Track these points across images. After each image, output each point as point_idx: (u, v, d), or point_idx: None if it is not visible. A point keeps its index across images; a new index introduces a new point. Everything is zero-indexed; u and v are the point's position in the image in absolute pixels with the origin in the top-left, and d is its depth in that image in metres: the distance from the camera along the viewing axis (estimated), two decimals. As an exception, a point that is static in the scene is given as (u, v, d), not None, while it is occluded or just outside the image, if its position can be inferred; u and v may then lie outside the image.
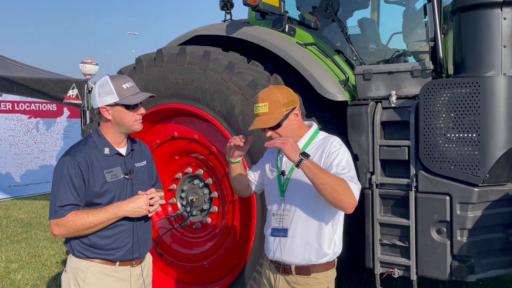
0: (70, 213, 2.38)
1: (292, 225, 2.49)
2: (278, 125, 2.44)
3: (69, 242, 2.51)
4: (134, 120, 2.53)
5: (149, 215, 2.56)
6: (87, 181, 2.43)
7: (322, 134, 2.60)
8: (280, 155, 2.61)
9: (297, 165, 2.27)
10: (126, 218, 2.50)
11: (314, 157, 2.45)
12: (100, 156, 2.50)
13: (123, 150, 2.60)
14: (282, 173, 2.54)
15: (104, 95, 2.48)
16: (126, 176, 2.55)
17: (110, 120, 2.51)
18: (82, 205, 2.44)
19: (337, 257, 2.58)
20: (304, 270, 2.49)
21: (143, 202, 2.47)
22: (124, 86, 2.48)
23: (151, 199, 2.51)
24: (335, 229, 2.52)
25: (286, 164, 2.55)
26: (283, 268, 2.53)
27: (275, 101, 2.43)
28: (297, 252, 2.48)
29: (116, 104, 2.48)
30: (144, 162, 2.71)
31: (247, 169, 3.03)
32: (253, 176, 2.80)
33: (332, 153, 2.43)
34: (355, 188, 2.31)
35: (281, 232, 2.51)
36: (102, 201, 2.47)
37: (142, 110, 2.56)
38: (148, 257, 2.76)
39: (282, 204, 2.53)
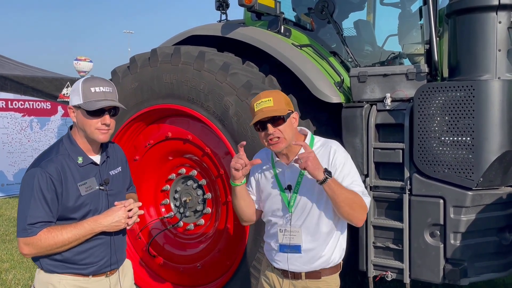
0: (42, 231, 2.18)
1: (304, 240, 2.44)
2: (283, 120, 2.36)
3: (39, 259, 2.30)
4: (95, 128, 2.28)
5: (128, 227, 2.39)
6: (60, 195, 2.23)
7: (319, 140, 2.55)
8: (279, 169, 2.52)
9: (321, 183, 2.26)
10: (102, 232, 2.32)
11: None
12: (73, 166, 2.30)
13: (97, 158, 2.41)
14: (289, 187, 2.45)
15: (72, 94, 2.30)
16: (102, 187, 2.37)
17: (76, 123, 2.33)
18: (54, 221, 2.25)
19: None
20: (315, 274, 2.47)
21: (121, 216, 2.30)
22: (92, 89, 2.26)
23: (129, 211, 2.33)
24: (343, 233, 2.53)
25: (291, 178, 2.47)
26: (292, 274, 2.48)
27: (278, 97, 2.40)
28: (309, 263, 2.45)
29: (79, 107, 2.28)
30: (119, 168, 2.53)
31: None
32: (252, 193, 2.66)
33: (338, 164, 2.41)
34: (368, 202, 2.40)
35: (293, 249, 2.44)
36: (76, 215, 2.29)
37: (107, 120, 2.29)
38: (127, 263, 2.61)
39: (291, 220, 2.45)
